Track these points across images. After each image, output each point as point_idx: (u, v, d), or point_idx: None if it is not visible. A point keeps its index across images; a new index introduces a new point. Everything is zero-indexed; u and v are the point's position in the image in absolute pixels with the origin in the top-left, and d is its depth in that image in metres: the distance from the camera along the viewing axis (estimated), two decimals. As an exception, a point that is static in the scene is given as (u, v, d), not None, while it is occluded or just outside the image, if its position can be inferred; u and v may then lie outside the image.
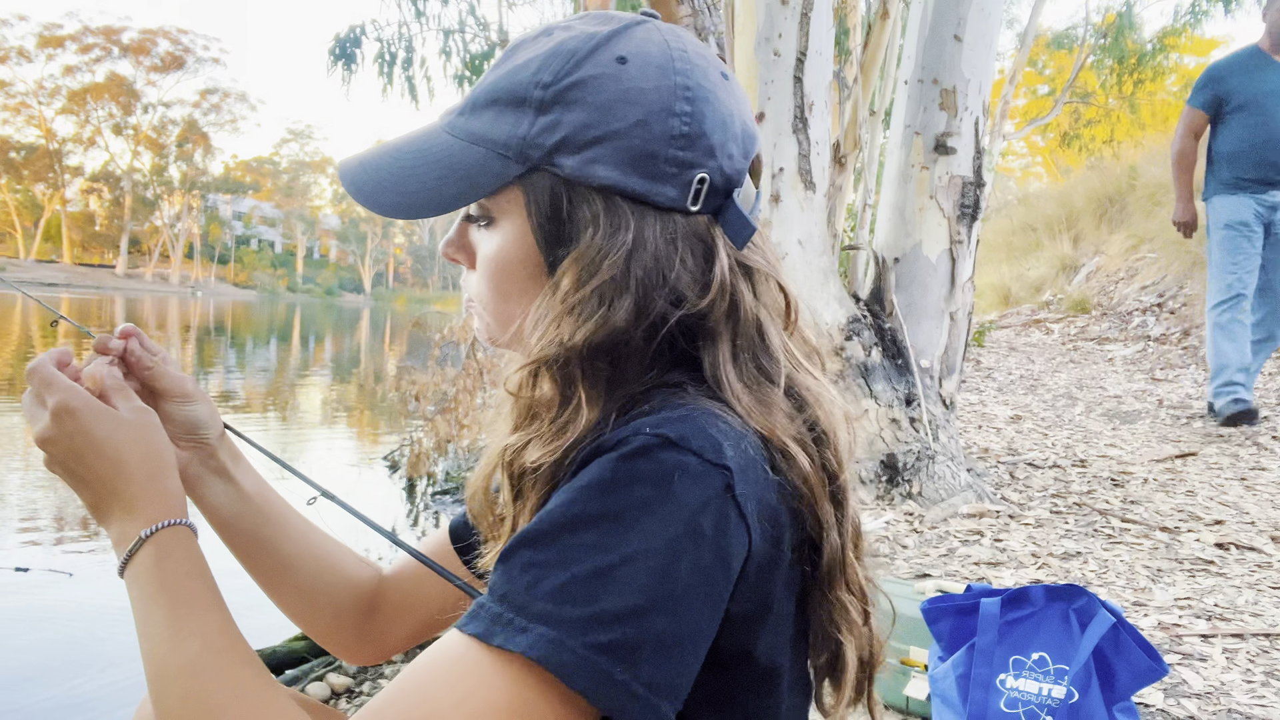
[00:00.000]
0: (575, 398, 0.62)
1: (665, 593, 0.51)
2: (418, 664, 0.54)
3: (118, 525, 0.67)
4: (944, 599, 1.59)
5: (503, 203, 0.65)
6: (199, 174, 67.90)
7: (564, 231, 0.63)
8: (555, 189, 0.62)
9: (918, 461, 3.44)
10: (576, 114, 0.61)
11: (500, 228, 0.66)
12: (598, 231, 0.62)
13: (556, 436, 0.62)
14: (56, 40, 62.84)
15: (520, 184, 0.64)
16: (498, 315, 0.69)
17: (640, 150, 0.61)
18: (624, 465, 0.54)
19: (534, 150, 0.62)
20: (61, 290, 46.92)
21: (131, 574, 0.65)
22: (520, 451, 0.64)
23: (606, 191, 0.62)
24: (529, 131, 0.62)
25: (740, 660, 0.59)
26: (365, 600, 0.90)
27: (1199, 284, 8.59)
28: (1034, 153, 28.08)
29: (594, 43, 0.63)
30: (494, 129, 0.64)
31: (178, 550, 0.65)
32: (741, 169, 0.67)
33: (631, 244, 0.61)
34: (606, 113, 0.61)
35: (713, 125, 0.64)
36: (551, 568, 0.52)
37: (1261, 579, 2.58)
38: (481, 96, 0.65)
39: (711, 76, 0.65)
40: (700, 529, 0.53)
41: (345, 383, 13.54)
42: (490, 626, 0.52)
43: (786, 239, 3.61)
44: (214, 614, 0.63)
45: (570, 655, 0.50)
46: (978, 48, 3.86)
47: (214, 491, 0.84)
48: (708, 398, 0.62)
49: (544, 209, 0.63)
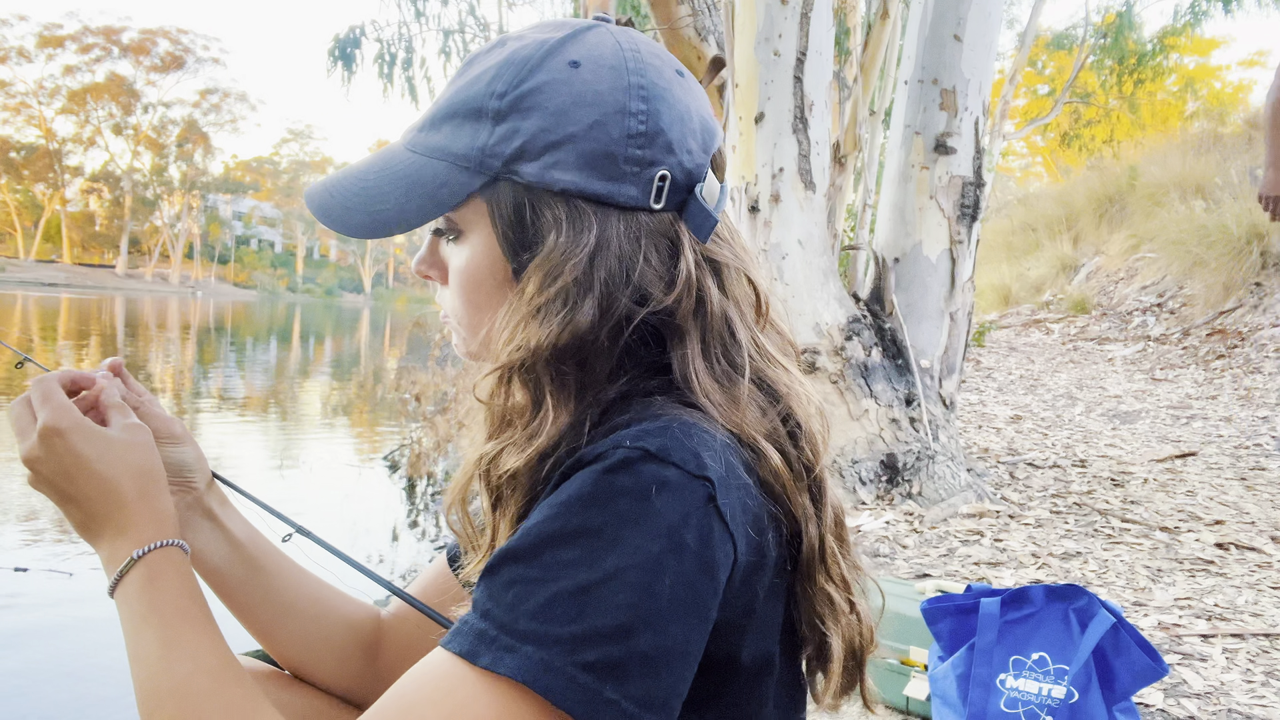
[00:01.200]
0: (544, 403, 0.63)
1: (651, 609, 0.51)
2: (403, 682, 0.54)
3: (108, 545, 0.66)
4: (944, 599, 1.59)
5: (469, 215, 0.65)
6: (199, 174, 67.89)
7: (528, 238, 0.63)
8: (518, 197, 0.63)
9: (918, 461, 3.44)
10: (533, 121, 0.62)
11: (468, 240, 0.67)
12: (560, 235, 0.62)
13: (529, 442, 0.63)
14: (56, 40, 62.85)
15: (483, 195, 0.64)
16: (471, 326, 0.69)
17: (598, 152, 0.62)
18: (605, 479, 0.54)
19: (493, 160, 0.62)
20: (62, 290, 46.91)
21: (122, 594, 0.64)
22: (495, 459, 0.64)
23: (568, 195, 0.62)
24: (487, 141, 0.63)
25: (726, 663, 0.59)
26: (367, 643, 0.88)
27: (1199, 284, 8.59)
28: (1034, 153, 28.09)
29: (545, 49, 0.63)
30: (453, 142, 0.64)
31: (169, 570, 0.65)
32: (702, 164, 0.67)
33: (594, 245, 0.62)
34: (562, 117, 0.62)
35: (669, 122, 0.64)
36: (535, 584, 0.52)
37: (1261, 579, 2.58)
38: (440, 111, 0.66)
39: (666, 74, 0.65)
40: (684, 542, 0.52)
41: (345, 383, 13.54)
42: (475, 644, 0.52)
43: (786, 239, 3.61)
44: (206, 634, 0.63)
45: (558, 676, 0.50)
46: (978, 48, 3.86)
47: (203, 537, 0.83)
48: (680, 403, 0.62)
49: (507, 217, 0.63)
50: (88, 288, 52.91)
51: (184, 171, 66.89)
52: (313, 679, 0.87)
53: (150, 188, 66.58)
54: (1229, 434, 5.00)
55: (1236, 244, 8.07)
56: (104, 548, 0.66)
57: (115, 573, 0.65)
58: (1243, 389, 6.24)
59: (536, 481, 0.62)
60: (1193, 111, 19.39)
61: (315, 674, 0.87)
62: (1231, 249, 8.10)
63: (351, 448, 7.76)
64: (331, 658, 0.87)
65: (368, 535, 4.78)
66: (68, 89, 64.25)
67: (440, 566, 0.87)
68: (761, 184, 3.63)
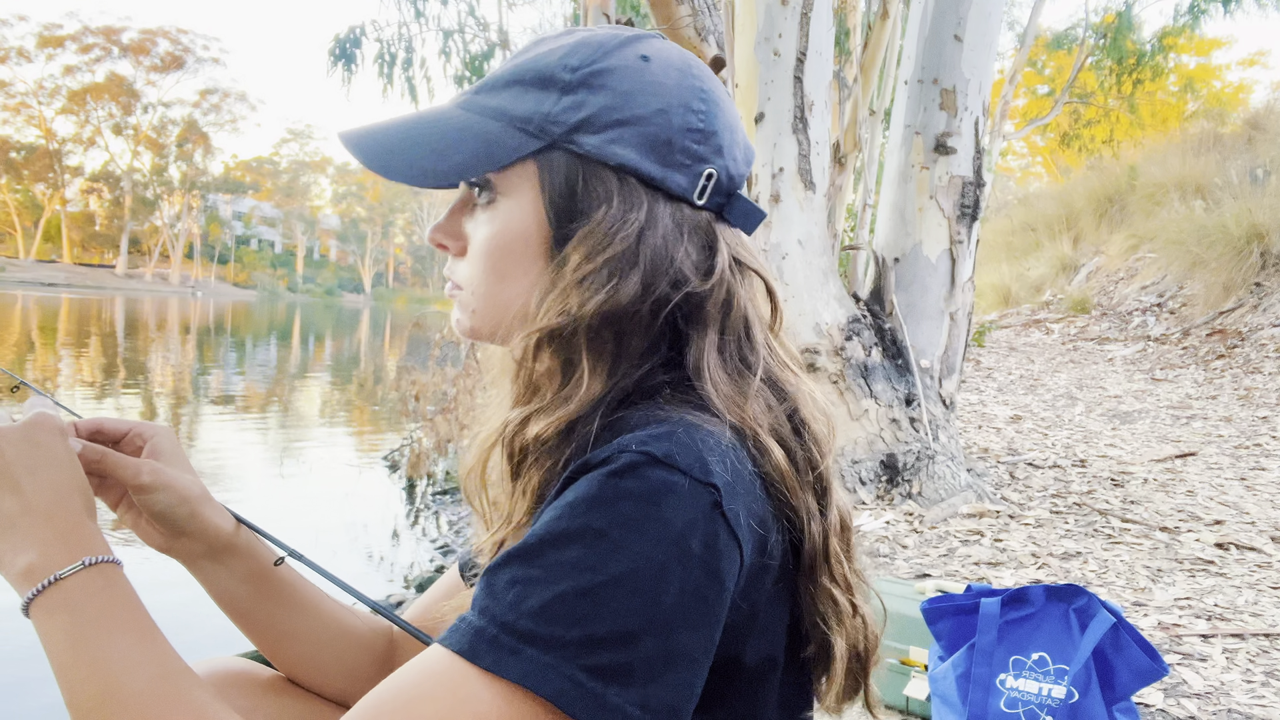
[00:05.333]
0: (579, 368, 0.63)
1: (656, 615, 0.51)
2: (399, 677, 0.53)
3: (42, 549, 0.63)
4: (944, 599, 1.59)
5: (514, 178, 0.66)
6: (199, 174, 67.78)
7: (577, 208, 0.64)
8: (571, 166, 0.64)
9: (918, 461, 3.44)
10: (601, 97, 0.64)
11: (504, 205, 0.67)
12: (611, 208, 0.64)
13: (559, 407, 0.63)
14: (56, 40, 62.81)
15: (536, 159, 0.65)
16: (491, 298, 0.68)
17: (658, 137, 0.64)
18: (610, 482, 0.53)
19: (555, 126, 0.64)
20: (62, 290, 46.92)
21: (61, 600, 0.61)
22: (522, 425, 0.64)
23: (622, 171, 0.64)
24: (552, 109, 0.64)
25: (728, 664, 0.59)
26: (380, 660, 0.88)
27: (1199, 284, 8.59)
28: (1034, 153, 28.09)
29: (620, 40, 0.67)
30: (515, 105, 0.66)
31: (121, 583, 0.64)
32: (743, 174, 0.70)
33: (643, 222, 0.64)
34: (630, 99, 0.64)
35: (722, 127, 0.67)
36: (537, 584, 0.51)
37: (1261, 579, 2.58)
38: (503, 77, 0.68)
39: (720, 90, 0.70)
40: (689, 549, 0.52)
41: (345, 383, 13.54)
42: (474, 642, 0.51)
43: (786, 239, 3.61)
44: (166, 644, 0.63)
45: (564, 681, 0.49)
46: (978, 48, 3.86)
47: (206, 570, 0.82)
48: (684, 401, 0.63)
49: (559, 184, 0.65)
50: (88, 288, 52.90)
51: (184, 171, 66.86)
52: (326, 694, 0.88)
53: (150, 188, 66.54)
54: (1229, 434, 5.00)
55: (1236, 244, 8.07)
56: (34, 551, 0.63)
57: (52, 575, 0.62)
58: (1243, 389, 6.24)
59: (559, 456, 0.62)
60: (1193, 111, 19.39)
61: (328, 690, 0.87)
62: (1231, 249, 8.10)
63: (351, 448, 7.76)
64: (344, 676, 0.87)
65: (368, 535, 4.78)
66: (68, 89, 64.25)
67: (453, 578, 0.87)
68: (761, 184, 3.63)
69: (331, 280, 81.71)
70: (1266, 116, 12.46)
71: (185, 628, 1.94)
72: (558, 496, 0.56)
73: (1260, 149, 10.79)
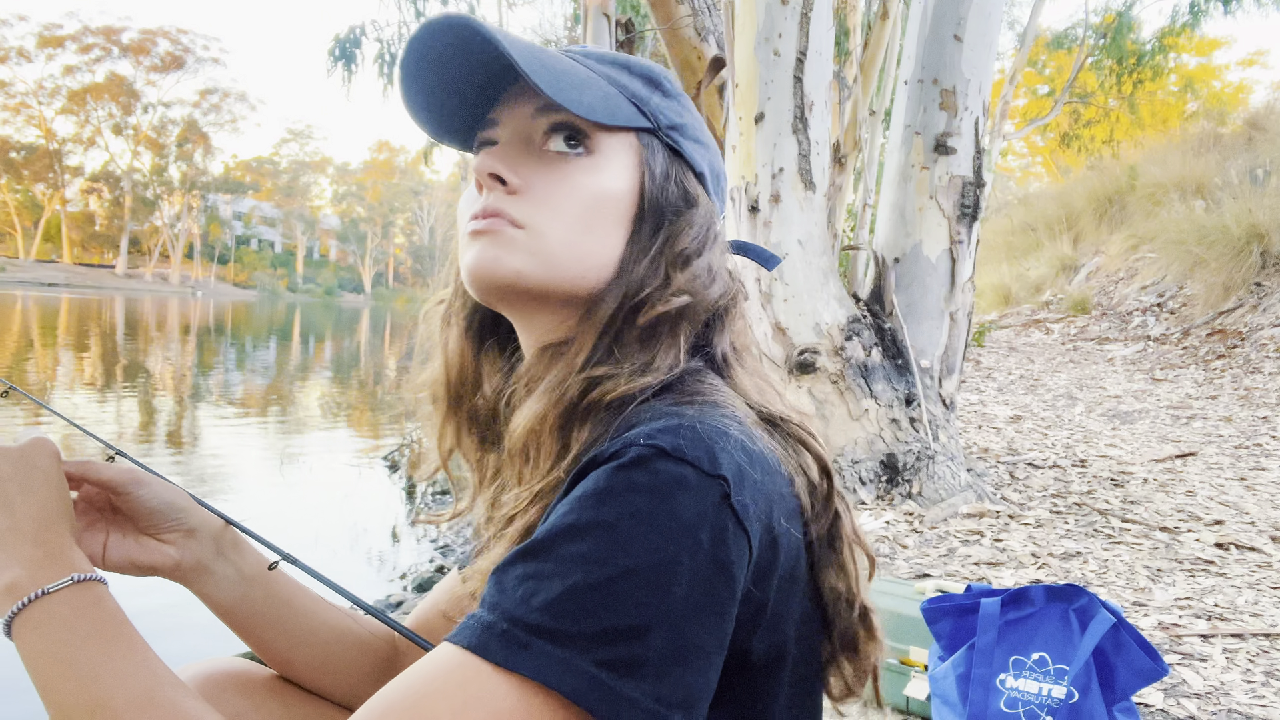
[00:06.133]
0: (663, 345, 0.66)
1: (667, 608, 0.51)
2: (409, 676, 0.53)
3: (27, 567, 0.63)
4: (944, 599, 1.59)
5: (613, 143, 0.69)
6: (199, 174, 67.76)
7: (669, 196, 0.70)
8: (668, 157, 0.71)
9: (918, 461, 3.44)
10: (690, 116, 0.74)
11: (598, 163, 0.68)
12: (701, 209, 0.71)
13: (643, 374, 0.64)
14: (56, 40, 62.81)
15: (638, 135, 0.70)
16: (570, 245, 0.67)
17: (716, 167, 0.75)
18: (619, 475, 0.54)
19: (663, 118, 0.71)
20: (62, 290, 46.92)
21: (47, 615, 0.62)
22: (602, 382, 0.64)
23: (702, 180, 0.73)
24: (659, 104, 0.71)
25: (736, 657, 0.59)
26: (385, 663, 0.88)
27: (1199, 284, 8.59)
28: (1034, 153, 28.10)
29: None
30: (630, 83, 0.71)
31: (109, 598, 0.64)
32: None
33: (719, 231, 0.73)
34: (701, 129, 0.75)
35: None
36: (547, 579, 0.51)
37: (1261, 579, 2.59)
38: (604, 55, 0.72)
39: None
40: (698, 541, 0.52)
41: (345, 383, 13.54)
42: (485, 638, 0.51)
43: (786, 239, 3.61)
44: (156, 657, 0.63)
45: (578, 675, 0.49)
46: (978, 48, 3.86)
47: (215, 579, 0.82)
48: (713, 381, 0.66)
49: (660, 166, 0.70)
50: (88, 288, 52.91)
51: (184, 171, 66.85)
52: (331, 699, 0.88)
53: (150, 188, 66.53)
54: (1229, 434, 5.00)
55: (1236, 244, 8.07)
56: (18, 568, 0.63)
57: (38, 590, 0.62)
58: (1243, 389, 6.24)
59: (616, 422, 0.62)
60: (1193, 111, 19.39)
61: (333, 694, 0.88)
62: (1231, 249, 8.10)
63: (351, 448, 7.76)
64: (349, 679, 0.87)
65: (367, 536, 4.78)
66: (68, 89, 64.26)
67: (454, 580, 0.87)
68: (761, 184, 3.63)
69: (331, 280, 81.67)
70: (1266, 116, 12.46)
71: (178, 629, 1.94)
72: (567, 493, 0.56)
73: (1260, 149, 10.79)
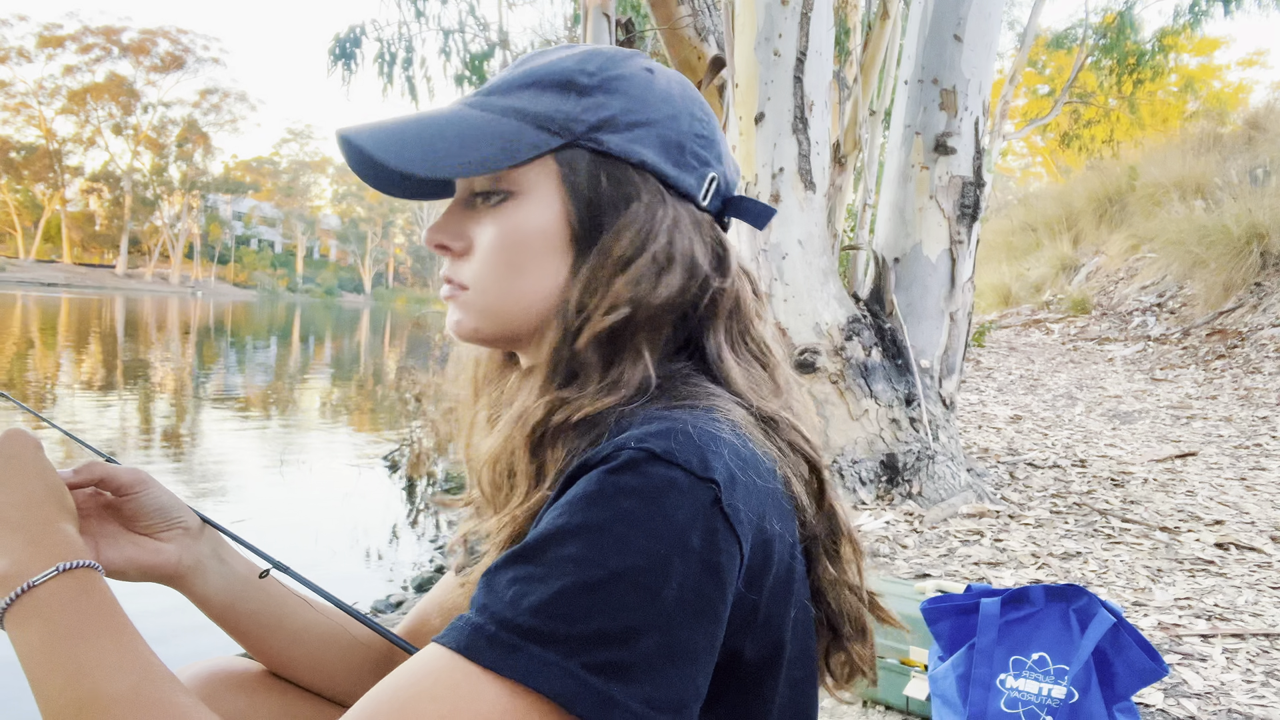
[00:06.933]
0: (628, 358, 0.65)
1: (657, 611, 0.51)
2: (397, 677, 0.53)
3: (14, 556, 0.63)
4: (944, 599, 1.59)
5: (531, 176, 0.67)
6: (199, 174, 67.69)
7: (602, 203, 0.66)
8: (594, 163, 0.66)
9: (918, 461, 3.44)
10: (619, 100, 0.67)
11: (520, 203, 0.67)
12: (641, 204, 0.66)
13: (604, 394, 0.63)
14: (56, 40, 62.77)
15: (555, 157, 0.66)
16: (505, 295, 0.68)
17: (672, 140, 0.68)
18: (610, 479, 0.53)
19: (577, 125, 0.66)
20: (61, 290, 46.90)
21: (35, 608, 0.61)
22: (561, 407, 0.64)
23: (644, 170, 0.67)
24: (573, 109, 0.66)
25: (729, 660, 0.59)
26: (381, 661, 0.88)
27: (1199, 284, 8.59)
28: (1034, 153, 28.09)
29: (625, 53, 0.71)
30: (533, 105, 0.67)
31: (99, 587, 0.64)
32: (735, 181, 0.74)
33: (673, 218, 0.67)
34: (644, 104, 0.68)
35: (719, 136, 0.72)
36: (537, 581, 0.51)
37: (1261, 579, 2.59)
38: (515, 80, 0.69)
39: (709, 106, 0.74)
40: (689, 545, 0.52)
41: (345, 383, 13.54)
42: (474, 640, 0.51)
43: (786, 239, 3.61)
44: (146, 648, 0.62)
45: (566, 678, 0.49)
46: (978, 48, 3.86)
47: (212, 580, 0.82)
48: (698, 388, 0.65)
49: (582, 180, 0.66)
50: (88, 288, 52.89)
51: (184, 171, 66.80)
52: (328, 697, 0.88)
53: (150, 188, 66.48)
54: (1229, 434, 5.00)
55: (1236, 244, 8.07)
56: (5, 559, 0.63)
57: (26, 583, 0.61)
58: (1243, 389, 6.24)
59: (587, 440, 0.62)
60: (1193, 111, 19.38)
61: (330, 693, 0.87)
62: (1231, 249, 8.10)
63: (351, 448, 7.76)
64: (345, 678, 0.87)
65: (368, 536, 4.78)
66: (68, 89, 64.21)
67: (451, 582, 0.87)
68: (761, 184, 3.63)
69: (331, 280, 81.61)
70: (1266, 116, 12.46)
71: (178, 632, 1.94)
72: (559, 496, 0.56)
73: (1260, 149, 10.79)
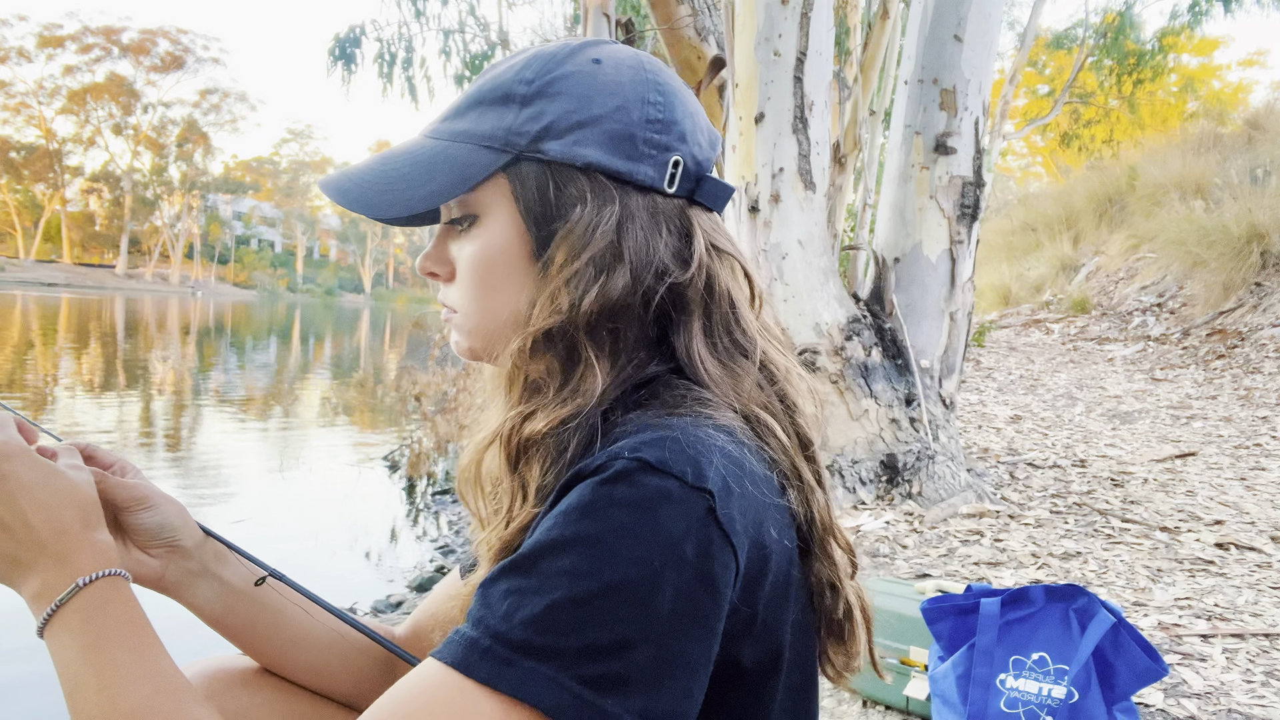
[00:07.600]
0: (582, 363, 0.64)
1: (651, 623, 0.51)
2: (394, 693, 0.53)
3: (43, 575, 0.63)
4: (944, 599, 1.59)
5: (488, 196, 0.67)
6: (199, 174, 67.71)
7: (552, 213, 0.66)
8: (540, 173, 0.66)
9: (918, 461, 3.44)
10: (559, 104, 0.66)
11: (484, 224, 0.68)
12: (586, 207, 0.65)
13: (566, 402, 0.63)
14: (56, 40, 62.77)
15: (506, 173, 0.66)
16: (482, 314, 0.69)
17: (620, 132, 0.66)
18: (603, 489, 0.53)
19: (519, 138, 0.66)
20: (62, 290, 46.90)
21: (63, 623, 0.62)
22: (526, 422, 0.64)
23: (591, 171, 0.65)
24: (514, 123, 0.66)
25: (727, 668, 0.59)
26: (382, 663, 0.88)
27: (1199, 284, 8.59)
28: (1034, 153, 28.09)
29: (570, 49, 0.69)
30: (478, 125, 0.67)
31: (119, 597, 0.64)
32: (710, 158, 0.72)
33: (619, 216, 0.65)
34: (587, 101, 0.66)
35: (682, 115, 0.69)
36: (531, 594, 0.51)
37: (1261, 579, 2.58)
38: (463, 102, 0.70)
39: (676, 81, 0.71)
40: (683, 555, 0.52)
41: (345, 383, 13.53)
42: (468, 655, 0.51)
43: (786, 239, 3.61)
44: (164, 658, 0.62)
45: (561, 692, 0.49)
46: (978, 48, 3.86)
47: (200, 593, 0.82)
48: (684, 393, 0.64)
49: (531, 193, 0.66)
50: (88, 288, 52.88)
51: (184, 171, 66.80)
52: (334, 697, 0.88)
53: (150, 188, 66.48)
54: (1229, 434, 5.00)
55: (1236, 244, 8.07)
56: (36, 577, 0.63)
57: (54, 602, 0.62)
58: (1243, 389, 6.24)
59: (563, 453, 0.62)
60: (1193, 111, 19.38)
61: (332, 694, 0.87)
62: (1231, 249, 8.09)
63: (351, 448, 7.75)
64: (347, 680, 0.87)
65: (367, 536, 4.78)
66: (68, 89, 64.21)
67: (453, 581, 0.87)
68: (761, 184, 3.63)
69: (331, 280, 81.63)
70: (1266, 116, 12.46)
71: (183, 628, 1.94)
72: (553, 506, 0.56)
73: (1260, 149, 10.78)
